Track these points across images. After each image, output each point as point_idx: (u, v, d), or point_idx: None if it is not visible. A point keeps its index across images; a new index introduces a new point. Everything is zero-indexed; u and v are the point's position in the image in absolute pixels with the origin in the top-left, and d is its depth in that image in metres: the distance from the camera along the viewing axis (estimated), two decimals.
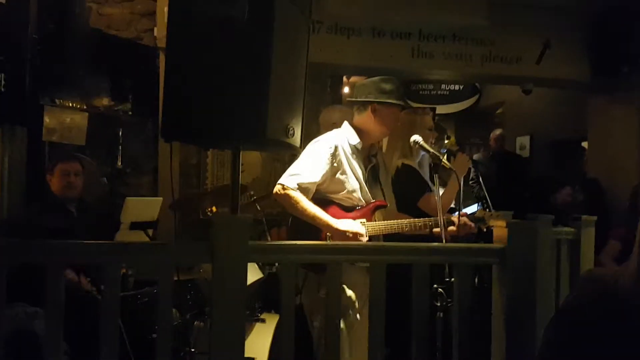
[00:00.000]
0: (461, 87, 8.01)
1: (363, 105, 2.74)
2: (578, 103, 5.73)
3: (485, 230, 2.72)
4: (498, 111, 7.89)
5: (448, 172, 2.97)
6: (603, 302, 1.17)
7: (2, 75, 3.11)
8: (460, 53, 4.81)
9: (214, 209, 3.37)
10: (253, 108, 1.88)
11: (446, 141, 3.70)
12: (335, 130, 2.79)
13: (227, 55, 1.89)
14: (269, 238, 3.86)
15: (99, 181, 4.12)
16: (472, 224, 2.65)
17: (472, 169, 4.85)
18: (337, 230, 2.49)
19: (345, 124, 2.80)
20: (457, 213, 2.70)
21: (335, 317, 1.90)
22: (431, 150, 2.63)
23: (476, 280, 3.45)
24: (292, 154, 2.68)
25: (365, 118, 2.74)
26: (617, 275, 1.19)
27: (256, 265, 3.47)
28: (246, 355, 3.19)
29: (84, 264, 2.45)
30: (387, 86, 2.71)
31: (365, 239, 2.53)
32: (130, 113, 4.45)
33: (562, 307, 1.29)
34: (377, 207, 2.70)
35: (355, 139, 2.72)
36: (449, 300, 2.28)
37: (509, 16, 4.80)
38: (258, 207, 3.81)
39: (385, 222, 2.66)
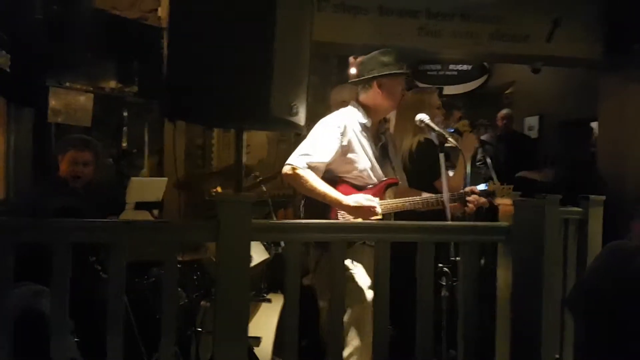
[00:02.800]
0: (469, 67, 7.91)
1: (367, 82, 2.72)
2: (588, 83, 5.65)
3: (496, 204, 2.71)
4: (507, 91, 7.80)
5: (455, 152, 2.95)
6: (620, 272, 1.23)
7: (8, 56, 3.10)
8: (468, 31, 4.73)
9: (219, 189, 3.37)
10: (256, 86, 1.87)
11: (459, 122, 3.68)
12: (343, 109, 2.78)
13: (230, 33, 1.88)
14: (274, 219, 3.86)
15: (105, 162, 4.12)
16: (483, 199, 2.64)
17: (480, 150, 4.81)
18: (348, 206, 2.46)
19: (353, 103, 2.78)
20: (466, 188, 2.69)
21: (340, 295, 1.91)
22: (437, 129, 2.61)
23: (482, 262, 3.44)
24: (298, 134, 2.66)
25: (372, 94, 2.72)
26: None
27: (262, 246, 3.49)
28: (253, 334, 3.24)
29: (89, 242, 2.45)
30: (387, 58, 2.70)
31: (378, 210, 2.50)
32: (136, 94, 4.43)
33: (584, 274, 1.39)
34: (388, 185, 2.70)
35: (364, 118, 2.71)
36: (454, 279, 2.28)
37: None
38: (264, 188, 3.81)
39: (398, 199, 2.65)
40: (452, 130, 3.31)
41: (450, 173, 3.17)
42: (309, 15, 2.15)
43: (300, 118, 2.08)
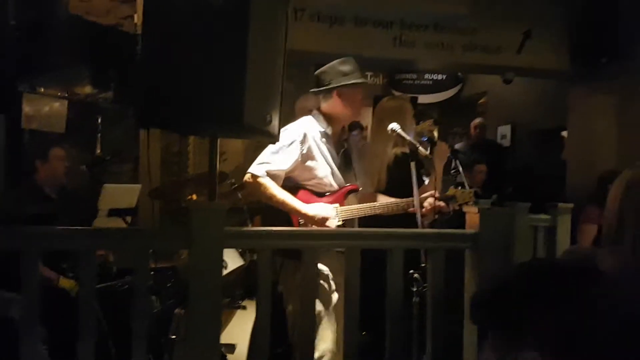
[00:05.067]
0: (444, 77, 8.04)
1: (328, 91, 2.76)
2: (559, 93, 5.79)
3: (458, 207, 2.76)
4: (480, 101, 7.94)
5: (429, 160, 2.99)
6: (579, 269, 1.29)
7: None
8: (441, 42, 4.82)
9: (194, 196, 3.38)
10: (230, 95, 1.88)
11: (425, 122, 3.70)
12: (304, 118, 2.82)
13: (203, 41, 1.89)
14: (250, 226, 3.86)
15: (79, 169, 4.10)
16: (442, 203, 2.68)
17: (453, 159, 4.88)
18: (305, 215, 2.53)
19: (314, 112, 2.83)
20: (428, 193, 2.73)
21: (311, 301, 1.93)
22: (408, 138, 2.66)
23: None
24: (272, 142, 2.68)
25: (333, 103, 2.77)
26: (595, 253, 1.31)
27: (237, 253, 3.49)
28: (228, 341, 3.24)
29: (59, 249, 2.45)
30: (346, 67, 2.74)
31: (333, 222, 2.57)
32: (111, 101, 4.41)
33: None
34: (349, 192, 2.75)
35: (324, 126, 2.76)
36: (425, 285, 2.31)
37: (490, 5, 4.82)
38: (239, 195, 3.82)
39: (358, 205, 2.70)
40: (425, 139, 3.36)
41: (427, 181, 3.20)
42: (283, 24, 2.18)
43: (274, 127, 2.10)
